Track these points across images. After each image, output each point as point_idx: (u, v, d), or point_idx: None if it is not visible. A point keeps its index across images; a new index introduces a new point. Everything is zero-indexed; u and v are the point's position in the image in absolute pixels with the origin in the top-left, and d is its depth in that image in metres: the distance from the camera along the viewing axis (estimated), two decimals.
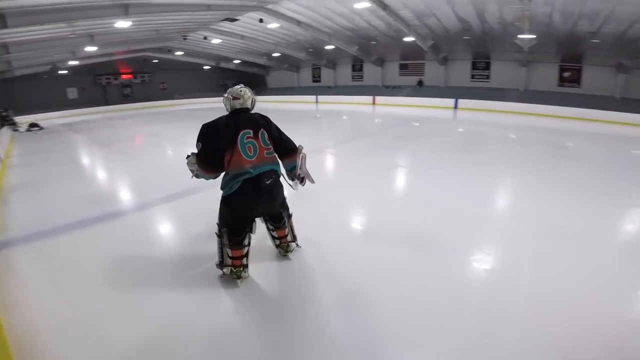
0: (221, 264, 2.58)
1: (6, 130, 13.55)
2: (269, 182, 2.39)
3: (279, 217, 2.77)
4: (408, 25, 15.73)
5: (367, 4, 13.05)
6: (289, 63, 28.56)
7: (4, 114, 15.92)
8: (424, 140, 9.98)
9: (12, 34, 11.13)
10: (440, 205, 4.43)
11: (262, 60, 27.47)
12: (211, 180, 2.60)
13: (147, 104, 28.11)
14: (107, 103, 27.99)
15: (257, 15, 15.05)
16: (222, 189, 2.48)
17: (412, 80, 22.63)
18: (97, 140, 11.57)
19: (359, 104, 22.72)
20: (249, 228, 2.50)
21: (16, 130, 15.15)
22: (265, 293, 2.53)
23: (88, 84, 27.89)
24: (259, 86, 33.02)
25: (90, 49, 15.54)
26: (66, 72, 24.37)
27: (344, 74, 26.81)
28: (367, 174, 6.01)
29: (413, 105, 19.47)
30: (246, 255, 2.54)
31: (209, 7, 12.79)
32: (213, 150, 2.36)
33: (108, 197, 5.23)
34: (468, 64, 19.83)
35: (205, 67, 31.75)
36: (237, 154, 2.30)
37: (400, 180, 6.03)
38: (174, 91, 31.61)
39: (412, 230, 3.64)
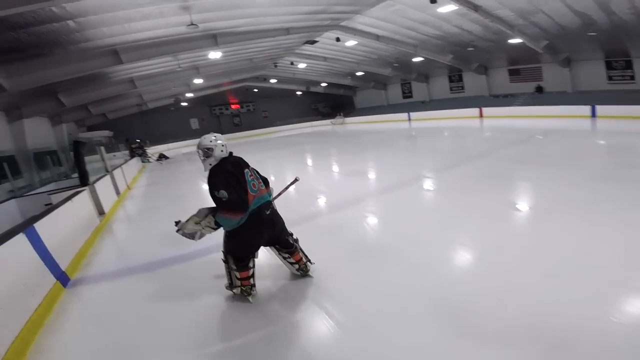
0: (231, 286, 2.82)
1: (136, 162, 15.95)
2: (268, 212, 2.70)
3: (288, 244, 2.95)
4: (511, 26, 13.21)
5: (453, 7, 11.40)
6: (375, 81, 27.90)
7: (134, 146, 18.76)
8: (553, 163, 6.91)
9: (132, 69, 13.56)
10: (601, 286, 2.44)
11: (347, 81, 27.60)
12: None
13: (253, 132, 30.99)
14: (222, 132, 32.11)
15: (333, 34, 14.97)
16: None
17: (528, 87, 18.94)
18: (202, 173, 12.30)
19: (462, 117, 20.19)
20: (254, 255, 2.81)
21: (147, 161, 17.97)
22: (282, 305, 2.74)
23: (206, 115, 32.74)
24: (347, 107, 33.20)
25: (198, 81, 18.01)
26: (187, 104, 29.11)
27: (440, 86, 24.46)
28: (472, 220, 4.20)
29: (533, 116, 16.11)
30: (252, 275, 2.80)
31: (287, 31, 13.23)
32: (242, 192, 2.55)
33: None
34: (601, 64, 15.46)
35: (298, 93, 33.76)
36: (246, 191, 2.60)
37: (523, 231, 3.85)
38: (275, 118, 34.31)
39: (551, 330, 2.05)
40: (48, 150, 17.83)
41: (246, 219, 2.57)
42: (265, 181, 2.91)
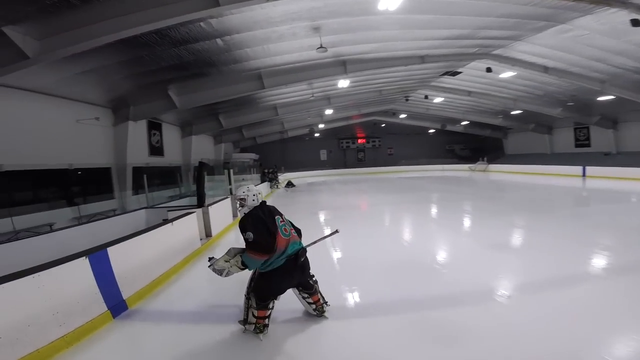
0: (244, 322, 3.00)
1: (266, 186, 17.23)
2: (303, 259, 2.95)
3: (309, 286, 3.12)
4: None
5: None
6: (536, 122, 23.11)
7: (267, 170, 20.15)
8: None
9: (274, 96, 15.12)
10: None
11: (496, 121, 23.79)
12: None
13: (375, 170, 30.55)
14: (345, 166, 33.10)
15: (482, 64, 12.94)
16: (260, 268, 2.86)
17: None
18: (318, 206, 12.05)
19: None
20: (276, 298, 2.99)
21: (275, 187, 19.24)
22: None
23: (334, 147, 34.46)
24: (494, 152, 28.67)
25: (329, 111, 18.86)
26: (318, 134, 31.28)
27: (634, 135, 18.31)
28: None
29: None
30: (269, 316, 2.96)
31: (422, 59, 12.19)
32: (267, 235, 2.74)
33: None
34: None
35: (430, 131, 31.58)
36: (279, 236, 2.79)
37: None
38: (400, 156, 33.12)
39: None
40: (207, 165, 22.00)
41: (284, 262, 2.81)
42: (298, 231, 3.13)
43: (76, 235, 4.85)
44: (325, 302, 3.26)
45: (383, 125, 30.84)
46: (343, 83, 12.97)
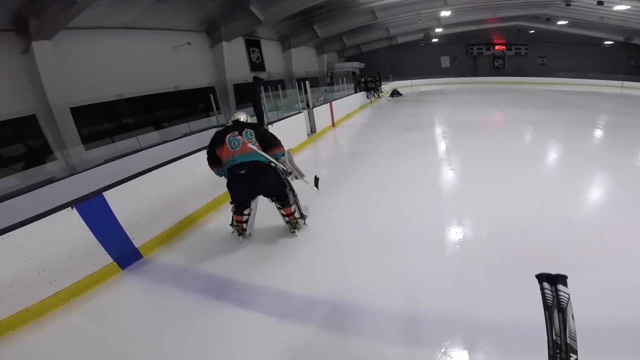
0: (232, 224, 3.37)
1: (360, 97, 14.89)
2: (243, 171, 2.93)
3: (281, 197, 3.15)
4: None
5: None
6: None
7: (363, 79, 17.31)
8: None
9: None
10: None
11: None
12: None
13: (519, 79, 24.36)
14: (475, 74, 27.69)
15: None
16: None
17: None
18: (418, 121, 9.84)
19: None
20: (247, 203, 3.20)
21: (375, 96, 16.86)
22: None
23: (460, 53, 28.60)
24: None
25: (445, 13, 14.98)
26: (437, 40, 26.04)
27: None
28: None
29: None
30: (246, 221, 3.27)
31: None
32: (210, 150, 3.11)
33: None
34: None
35: (607, 43, 22.26)
36: (223, 148, 2.97)
37: None
38: (557, 68, 25.25)
39: None
40: (309, 77, 21.50)
41: (227, 172, 3.02)
42: (269, 143, 3.06)
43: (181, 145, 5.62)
44: (302, 218, 3.39)
45: (532, 31, 23.02)
46: None
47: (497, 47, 27.45)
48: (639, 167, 5.00)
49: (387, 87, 19.66)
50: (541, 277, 1.19)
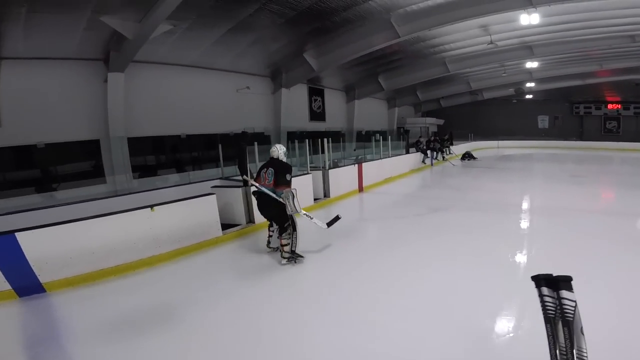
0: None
1: (414, 158, 12.15)
2: (257, 197, 4.06)
3: (280, 229, 3.90)
4: None
5: None
6: None
7: (423, 139, 13.95)
8: None
9: (439, 47, 11.79)
10: None
11: None
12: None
13: (637, 146, 19.76)
14: (581, 137, 23.42)
15: None
16: None
17: None
18: (504, 202, 6.89)
19: None
20: (271, 223, 4.23)
21: (440, 159, 13.83)
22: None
23: (564, 112, 24.70)
24: None
25: (532, 64, 12.98)
26: (533, 96, 23.06)
27: None
28: None
29: None
30: (271, 236, 4.24)
31: None
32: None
33: None
34: None
35: None
36: (259, 177, 4.07)
37: None
38: None
39: None
40: (376, 130, 20.62)
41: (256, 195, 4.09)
42: (278, 183, 3.88)
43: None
44: (294, 254, 3.91)
45: None
46: (527, 18, 8.18)
47: (610, 106, 22.91)
48: None
49: (461, 147, 16.90)
50: (539, 280, 1.07)
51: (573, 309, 0.97)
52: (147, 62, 8.84)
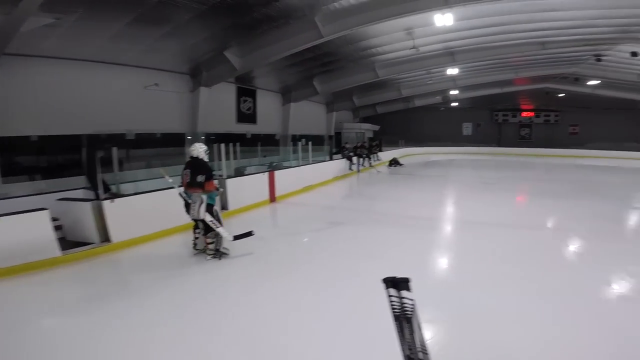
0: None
1: (338, 165, 11.73)
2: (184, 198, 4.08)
3: (205, 228, 4.00)
4: None
5: None
6: None
7: (348, 145, 13.81)
8: None
9: (365, 50, 11.66)
10: None
11: None
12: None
13: (547, 152, 22.16)
14: (499, 144, 25.57)
15: None
16: None
17: None
18: (407, 213, 6.90)
19: None
20: (195, 225, 4.16)
21: (367, 165, 13.61)
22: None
23: (485, 120, 26.92)
24: None
25: (452, 71, 13.61)
26: (459, 104, 24.77)
27: None
28: None
29: None
30: (196, 237, 4.18)
31: None
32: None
33: None
34: None
35: None
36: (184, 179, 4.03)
37: None
38: (590, 137, 22.82)
39: None
40: (315, 135, 20.29)
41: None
42: (195, 183, 3.87)
43: None
44: (218, 252, 4.06)
45: (561, 95, 21.11)
46: (442, 19, 8.23)
47: (524, 114, 25.64)
48: None
49: (391, 154, 17.34)
50: (387, 282, 1.17)
51: (412, 307, 1.10)
52: (29, 56, 7.54)
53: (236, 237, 4.10)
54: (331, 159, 12.50)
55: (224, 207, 6.20)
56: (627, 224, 6.16)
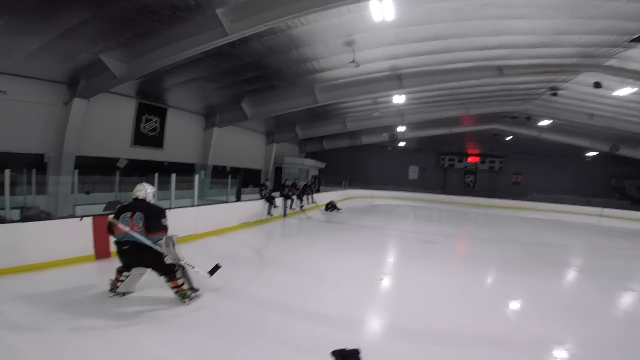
0: (111, 279, 3.81)
1: (251, 207, 9.05)
2: (126, 247, 3.57)
3: (167, 272, 3.59)
4: None
5: None
6: None
7: (267, 184, 10.29)
8: None
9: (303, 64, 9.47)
10: None
11: None
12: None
13: (489, 202, 21.21)
14: (444, 191, 24.66)
15: None
16: None
17: None
18: (351, 259, 6.08)
19: None
20: (126, 271, 3.70)
21: (294, 209, 11.32)
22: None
23: (430, 165, 26.34)
24: None
25: (399, 99, 11.93)
26: (406, 144, 23.91)
27: None
28: None
29: None
30: (122, 281, 3.70)
31: None
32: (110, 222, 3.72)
33: None
34: None
35: (589, 155, 20.32)
36: (118, 225, 3.54)
37: None
38: (531, 187, 22.80)
39: None
40: (251, 168, 17.73)
41: (116, 244, 3.63)
42: (151, 229, 3.52)
43: None
44: (193, 290, 3.72)
45: (509, 138, 20.88)
46: (380, 10, 6.30)
47: (470, 159, 25.55)
48: None
49: (330, 196, 14.85)
50: (336, 355, 1.27)
51: None
52: None
53: (210, 272, 3.87)
54: (238, 200, 9.63)
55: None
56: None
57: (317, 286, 4.61)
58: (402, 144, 23.82)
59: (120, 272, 3.69)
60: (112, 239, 3.66)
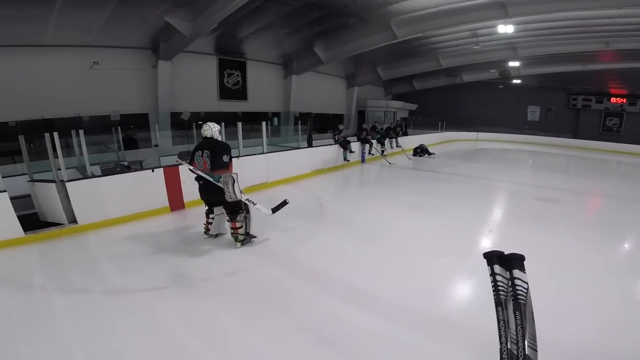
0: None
1: (321, 153, 8.49)
2: (201, 182, 3.79)
3: (230, 211, 3.75)
4: None
5: None
6: None
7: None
8: None
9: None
10: None
11: None
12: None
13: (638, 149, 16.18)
14: (575, 135, 19.83)
15: None
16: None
17: None
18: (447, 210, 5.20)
19: None
20: (209, 209, 4.03)
21: (372, 154, 10.28)
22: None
23: (560, 104, 21.00)
24: None
25: (504, 29, 9.23)
26: (522, 82, 19.33)
27: None
28: None
29: None
30: (210, 223, 4.05)
31: None
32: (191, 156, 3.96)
33: None
34: None
35: None
36: (194, 162, 3.82)
37: None
38: None
39: None
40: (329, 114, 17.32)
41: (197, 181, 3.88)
42: (215, 167, 3.70)
43: None
44: (248, 235, 3.88)
45: None
46: None
47: (613, 100, 19.22)
48: None
49: (420, 139, 12.82)
50: (491, 257, 0.99)
51: (525, 291, 0.90)
52: None
53: (274, 210, 3.98)
54: (310, 145, 9.34)
55: (71, 219, 4.42)
56: None
57: (380, 258, 3.62)
58: (516, 81, 19.34)
59: (207, 214, 4.02)
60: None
